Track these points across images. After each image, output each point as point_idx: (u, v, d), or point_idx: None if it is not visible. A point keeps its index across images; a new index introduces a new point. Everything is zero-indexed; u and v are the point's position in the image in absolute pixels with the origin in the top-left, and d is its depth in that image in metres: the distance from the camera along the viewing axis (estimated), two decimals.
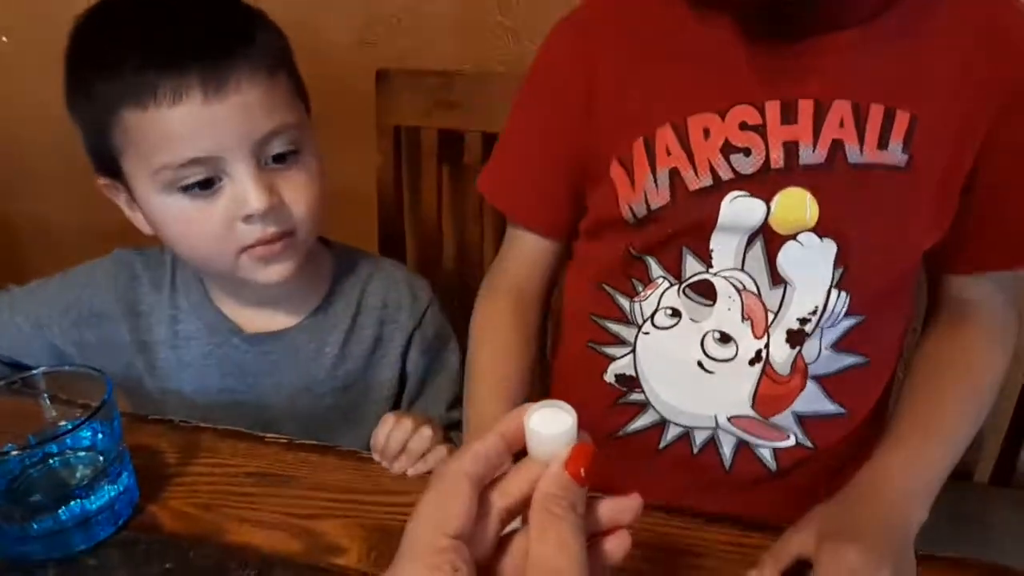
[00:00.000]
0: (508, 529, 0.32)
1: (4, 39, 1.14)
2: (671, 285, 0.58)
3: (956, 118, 0.51)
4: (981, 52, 0.50)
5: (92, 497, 0.50)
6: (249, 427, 0.60)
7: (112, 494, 0.51)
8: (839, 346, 0.56)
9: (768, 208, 0.52)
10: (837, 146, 0.51)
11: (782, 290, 0.55)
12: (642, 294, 0.59)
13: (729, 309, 0.56)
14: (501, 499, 0.31)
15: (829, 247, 0.53)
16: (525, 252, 0.65)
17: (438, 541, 0.28)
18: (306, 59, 0.68)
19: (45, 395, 0.54)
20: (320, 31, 1.00)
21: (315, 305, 0.67)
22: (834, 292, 0.54)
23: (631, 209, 0.56)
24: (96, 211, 1.21)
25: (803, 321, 0.55)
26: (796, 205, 0.52)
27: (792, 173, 0.52)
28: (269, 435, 0.58)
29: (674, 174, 0.54)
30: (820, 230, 0.52)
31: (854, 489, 0.50)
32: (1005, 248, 0.56)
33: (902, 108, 0.50)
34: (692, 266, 0.56)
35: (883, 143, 0.50)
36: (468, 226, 1.00)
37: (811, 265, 0.54)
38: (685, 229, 0.55)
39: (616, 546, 0.32)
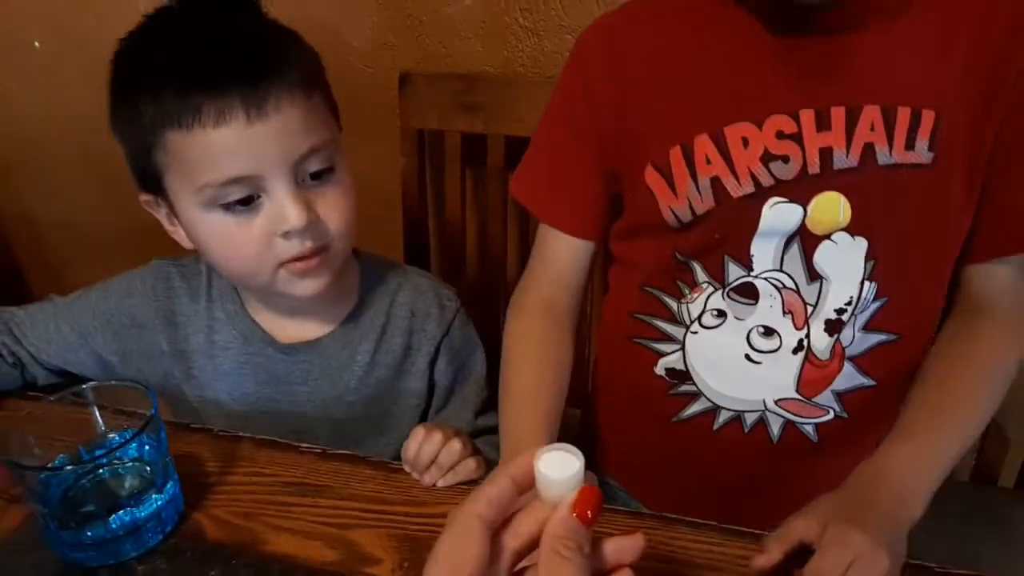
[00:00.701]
0: (519, 567, 0.35)
1: (37, 44, 1.17)
2: (715, 290, 0.61)
3: (975, 107, 0.53)
4: (994, 37, 0.53)
5: (141, 506, 0.53)
6: (284, 433, 0.64)
7: (159, 503, 0.54)
8: (869, 327, 0.60)
9: (805, 211, 0.56)
10: (868, 149, 0.54)
11: (819, 285, 0.59)
12: (689, 296, 0.63)
13: (771, 306, 0.60)
14: (512, 540, 0.34)
15: (861, 244, 0.57)
16: (559, 255, 0.67)
17: None
18: (329, 61, 0.70)
19: (94, 407, 0.57)
20: (341, 33, 1.03)
21: (346, 315, 0.70)
22: (866, 283, 0.58)
23: (674, 213, 0.59)
24: (120, 210, 1.26)
25: (839, 311, 0.59)
26: (830, 208, 0.55)
27: (827, 177, 0.55)
28: (304, 444, 0.61)
29: (716, 182, 0.57)
30: (852, 229, 0.56)
31: (858, 480, 0.52)
32: (1016, 230, 0.58)
33: (927, 108, 0.53)
34: (734, 271, 0.60)
35: (910, 144, 0.53)
36: (492, 226, 1.02)
37: (845, 261, 0.57)
38: (729, 234, 0.58)
39: None
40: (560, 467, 0.35)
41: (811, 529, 0.48)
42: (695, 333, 0.63)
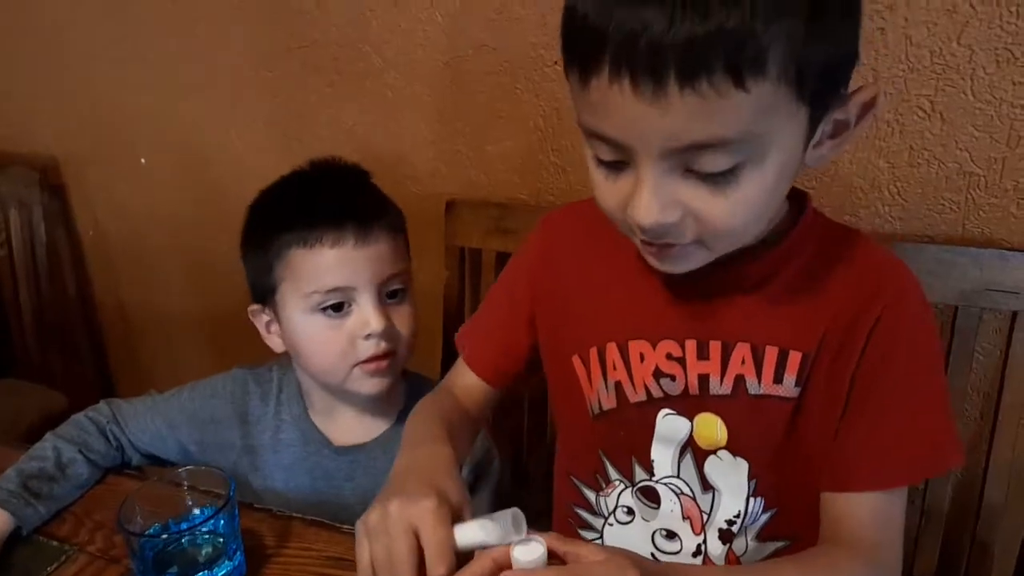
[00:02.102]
0: None
1: (143, 160, 1.41)
2: (625, 487, 0.67)
3: (837, 352, 0.59)
4: (857, 298, 0.59)
5: (214, 570, 0.68)
6: (326, 517, 0.77)
7: (228, 568, 0.68)
8: (762, 536, 0.64)
9: (692, 425, 0.63)
10: (740, 380, 0.60)
11: (712, 495, 0.64)
12: (605, 491, 0.69)
13: (672, 510, 0.65)
14: None
15: (741, 463, 0.62)
16: (463, 384, 0.75)
17: None
18: (388, 184, 0.87)
19: (185, 485, 0.73)
20: (401, 162, 1.22)
21: (390, 424, 0.86)
22: (752, 499, 0.63)
23: (589, 403, 0.67)
24: (201, 298, 1.46)
25: (730, 523, 0.64)
26: (710, 427, 0.62)
27: (705, 400, 0.62)
28: (345, 526, 0.75)
29: (619, 386, 0.65)
30: (732, 449, 0.62)
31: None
32: (857, 468, 0.59)
33: (794, 349, 0.59)
34: (639, 473, 0.66)
35: (778, 378, 0.60)
36: None
37: (730, 476, 0.62)
38: (631, 435, 0.65)
39: None
40: (528, 552, 0.48)
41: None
42: (611, 526, 0.69)
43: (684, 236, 0.51)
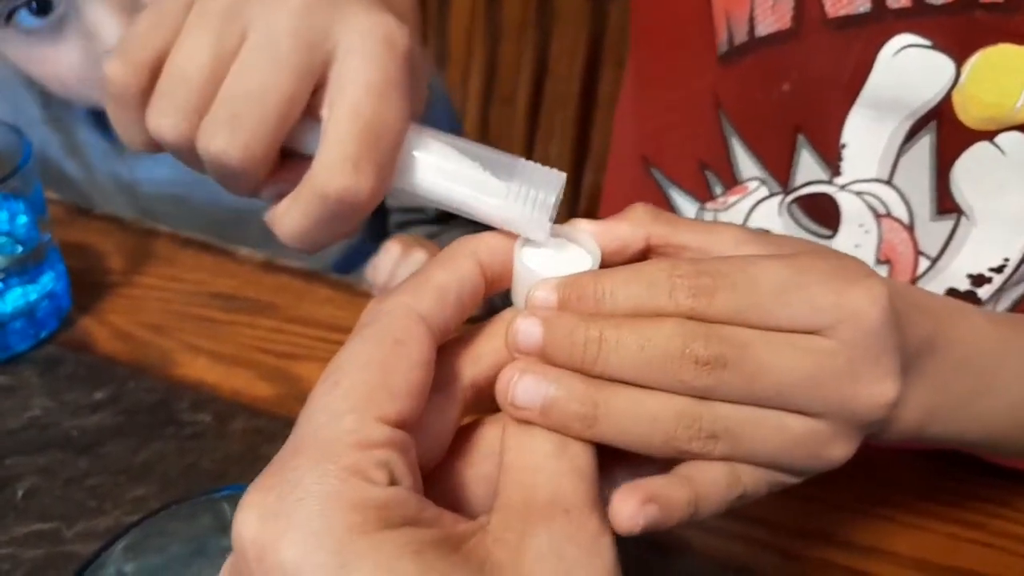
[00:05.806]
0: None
1: None
2: (770, 195, 0.40)
3: None
4: None
5: (5, 298, 0.41)
6: (201, 231, 0.50)
7: (31, 298, 0.41)
8: (1020, 310, 0.39)
9: (957, 75, 0.33)
10: None
11: (952, 223, 0.37)
12: (720, 200, 0.41)
13: (857, 246, 0.38)
14: (469, 365, 0.21)
15: None
16: None
17: (367, 430, 0.18)
18: None
19: None
20: None
21: None
22: None
23: (727, 24, 0.37)
24: None
25: (979, 279, 0.37)
26: (1006, 78, 0.32)
27: (1016, 15, 0.31)
28: (243, 250, 0.48)
29: None
30: None
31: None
32: None
33: None
34: (808, 168, 0.38)
35: None
36: None
37: (1012, 187, 0.35)
38: (809, 94, 0.36)
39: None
40: (560, 262, 0.22)
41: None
42: None
43: None
